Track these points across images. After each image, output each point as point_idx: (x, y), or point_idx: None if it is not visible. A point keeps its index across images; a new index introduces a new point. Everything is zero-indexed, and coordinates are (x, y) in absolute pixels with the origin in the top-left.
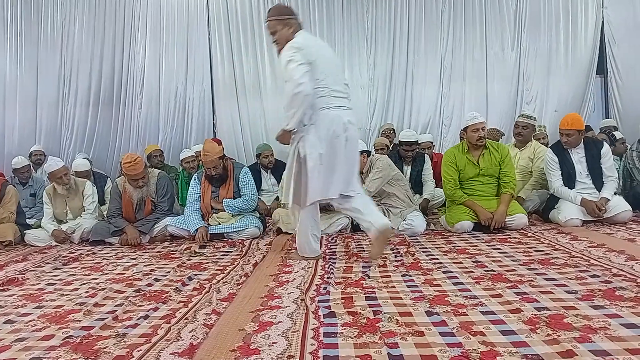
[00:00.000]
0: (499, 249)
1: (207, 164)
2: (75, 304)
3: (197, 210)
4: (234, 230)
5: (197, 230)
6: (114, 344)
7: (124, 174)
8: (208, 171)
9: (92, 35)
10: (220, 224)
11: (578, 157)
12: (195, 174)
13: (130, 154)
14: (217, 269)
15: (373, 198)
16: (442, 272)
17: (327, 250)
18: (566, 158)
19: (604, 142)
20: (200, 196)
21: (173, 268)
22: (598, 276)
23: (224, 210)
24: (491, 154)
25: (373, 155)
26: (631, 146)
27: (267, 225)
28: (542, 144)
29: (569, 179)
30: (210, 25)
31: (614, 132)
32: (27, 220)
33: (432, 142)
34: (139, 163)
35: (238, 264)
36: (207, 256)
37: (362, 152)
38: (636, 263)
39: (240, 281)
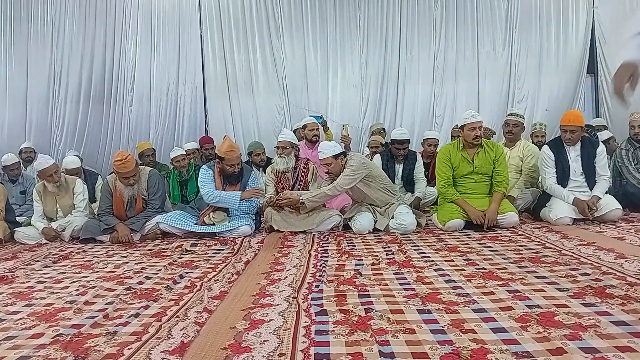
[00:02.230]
0: (490, 247)
1: (232, 160)
2: (66, 302)
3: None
4: (227, 229)
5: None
6: (105, 342)
7: (115, 172)
8: (231, 168)
9: (83, 31)
10: (214, 223)
11: (574, 155)
12: (205, 165)
13: (121, 152)
14: (208, 267)
15: (362, 202)
16: (434, 270)
17: (319, 248)
18: (563, 155)
19: (600, 142)
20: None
21: (164, 266)
22: (588, 274)
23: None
24: (486, 152)
25: (348, 155)
26: (620, 145)
27: (261, 224)
28: (540, 142)
29: (563, 177)
30: (202, 22)
31: (597, 133)
32: (17, 218)
33: (437, 140)
34: (130, 161)
35: (230, 262)
36: (198, 254)
37: (337, 155)
38: (625, 261)
39: (231, 279)
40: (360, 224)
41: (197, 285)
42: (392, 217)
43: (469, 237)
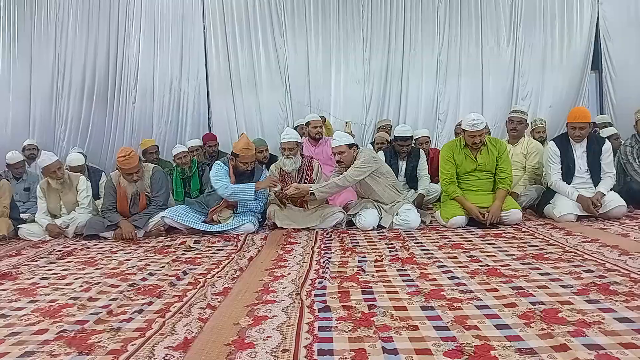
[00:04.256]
0: (494, 243)
1: (247, 159)
2: (70, 299)
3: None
4: (230, 227)
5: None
6: (108, 338)
7: (118, 168)
8: (245, 166)
9: (86, 28)
10: (220, 222)
11: (580, 151)
12: (219, 160)
13: (125, 148)
14: (212, 264)
15: (366, 198)
16: (437, 266)
17: (322, 245)
18: (568, 152)
19: (606, 139)
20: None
21: (168, 262)
22: (592, 271)
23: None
24: (489, 150)
25: (360, 148)
26: (625, 142)
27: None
28: (541, 137)
29: (568, 173)
30: (205, 18)
31: (599, 130)
32: (21, 215)
33: (428, 137)
34: (133, 157)
35: (233, 258)
36: (201, 251)
37: (351, 145)
38: (629, 258)
39: (235, 275)
40: (365, 220)
41: (200, 282)
42: (397, 214)
43: (472, 234)
